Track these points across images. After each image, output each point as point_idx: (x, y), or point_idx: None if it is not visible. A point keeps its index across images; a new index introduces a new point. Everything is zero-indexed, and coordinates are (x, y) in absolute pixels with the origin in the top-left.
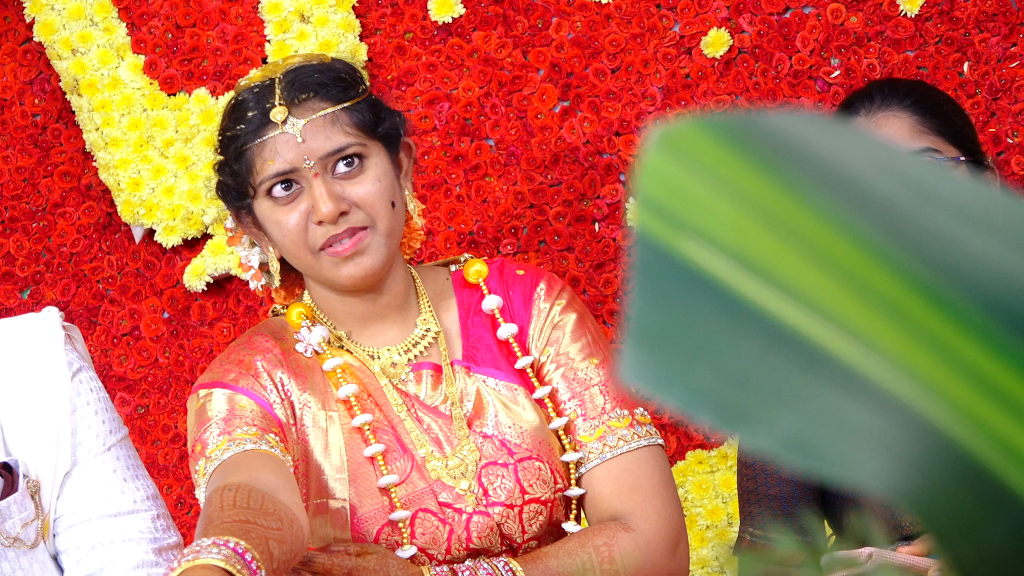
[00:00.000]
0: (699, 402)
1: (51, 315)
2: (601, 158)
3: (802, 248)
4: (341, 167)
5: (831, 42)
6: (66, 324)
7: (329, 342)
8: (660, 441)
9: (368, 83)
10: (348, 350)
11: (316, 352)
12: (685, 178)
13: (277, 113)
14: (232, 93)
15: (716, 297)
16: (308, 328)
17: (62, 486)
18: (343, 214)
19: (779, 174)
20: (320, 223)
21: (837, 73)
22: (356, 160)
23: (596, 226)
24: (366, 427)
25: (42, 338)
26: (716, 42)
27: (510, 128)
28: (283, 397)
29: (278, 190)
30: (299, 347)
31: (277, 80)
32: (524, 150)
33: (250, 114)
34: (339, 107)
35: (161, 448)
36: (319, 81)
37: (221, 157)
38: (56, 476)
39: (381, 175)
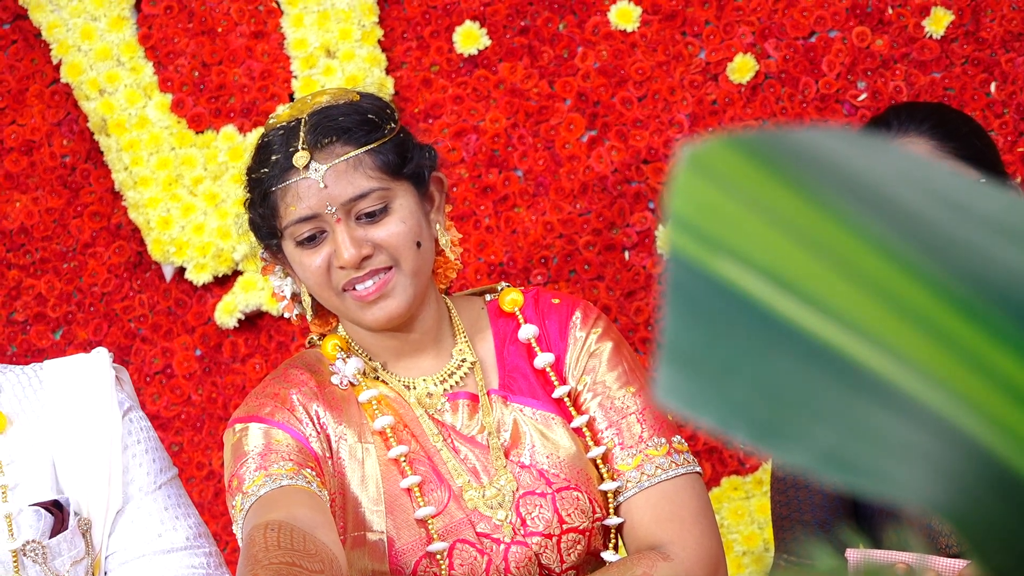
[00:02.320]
0: (735, 420)
1: (102, 356)
2: (630, 186)
3: (834, 263)
4: (364, 212)
5: (857, 65)
6: (115, 365)
7: (364, 373)
8: (698, 469)
9: (398, 119)
10: (383, 381)
11: (351, 384)
12: (717, 196)
13: (300, 158)
14: (262, 130)
15: (750, 314)
16: (343, 360)
17: (114, 523)
18: (366, 258)
19: (810, 190)
20: (342, 267)
21: (864, 96)
22: (380, 204)
23: (626, 254)
24: (402, 458)
25: (93, 378)
26: (742, 68)
27: (538, 158)
28: (319, 430)
29: (302, 235)
30: (334, 379)
31: (303, 121)
32: (552, 180)
33: (274, 157)
34: (362, 150)
35: (196, 485)
36: (343, 125)
37: (249, 195)
38: (108, 514)
39: (406, 216)
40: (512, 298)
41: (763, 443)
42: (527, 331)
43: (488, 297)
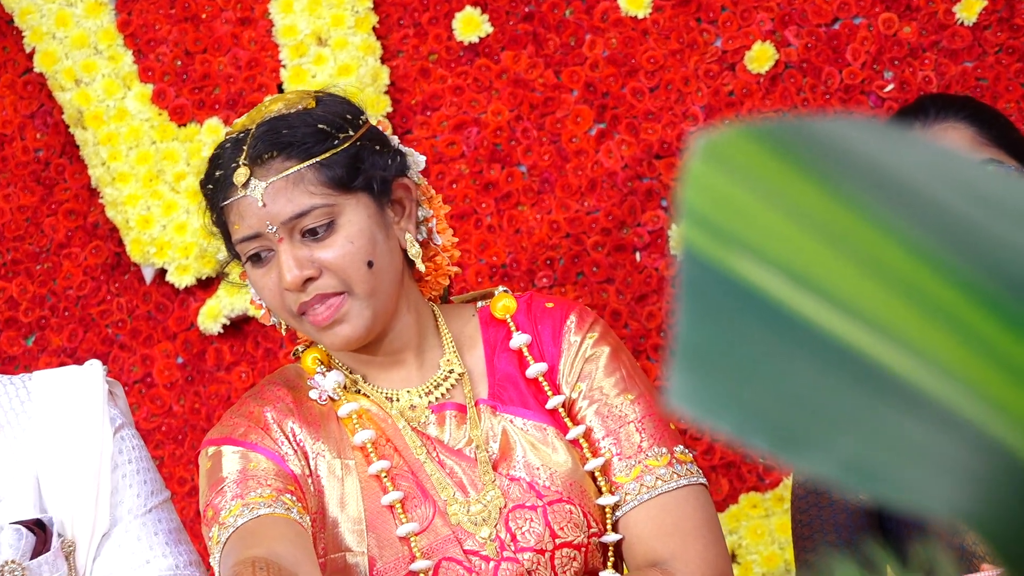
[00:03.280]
0: (752, 426)
1: (94, 369)
2: (641, 183)
3: (858, 260)
4: (307, 229)
5: (883, 54)
6: (108, 379)
7: (345, 387)
8: (702, 480)
9: (361, 123)
10: (365, 394)
11: (331, 398)
12: (732, 189)
13: (239, 175)
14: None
15: (768, 314)
16: (323, 374)
17: (99, 548)
18: (311, 279)
19: (832, 182)
20: (288, 289)
21: (891, 87)
22: (324, 220)
23: (637, 255)
24: (383, 474)
25: (85, 392)
26: (761, 57)
27: (543, 153)
28: (296, 448)
29: (248, 252)
30: (313, 394)
31: (251, 133)
32: (558, 176)
33: (217, 173)
34: (304, 165)
35: (177, 502)
36: (286, 139)
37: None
38: (93, 537)
39: (354, 234)
40: (504, 304)
41: (783, 452)
42: (518, 340)
43: (480, 303)
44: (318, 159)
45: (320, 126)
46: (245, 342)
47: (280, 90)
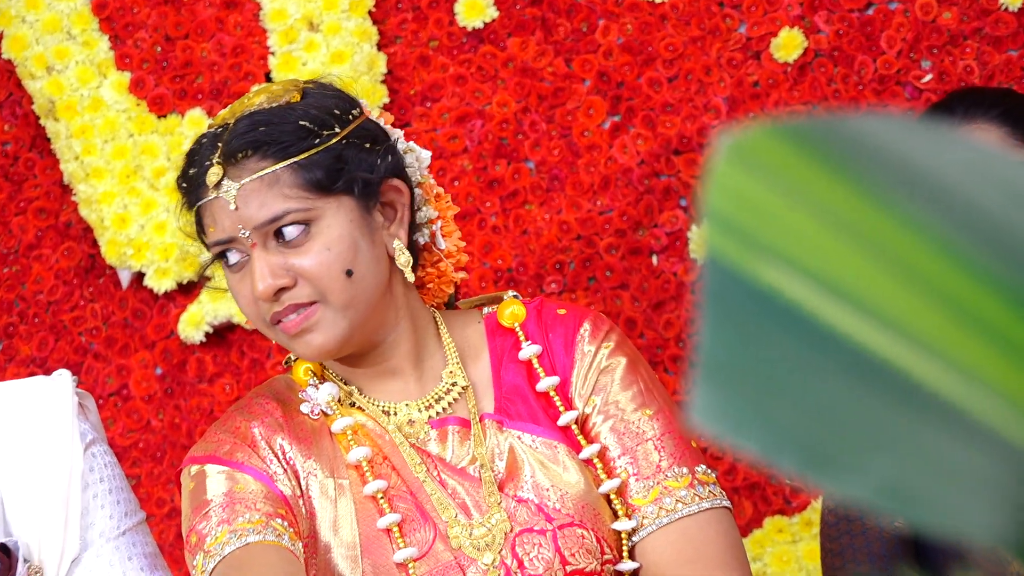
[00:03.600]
0: (781, 446)
1: (63, 379)
2: (658, 180)
3: (891, 266)
4: (283, 235)
5: (921, 42)
6: (79, 391)
7: (340, 400)
8: (726, 503)
9: (351, 119)
10: (360, 408)
11: (324, 413)
12: (759, 191)
13: (212, 175)
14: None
15: (798, 325)
16: (315, 386)
17: (69, 573)
18: (284, 289)
19: (865, 184)
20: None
21: (929, 78)
22: (300, 226)
23: (654, 259)
24: (380, 495)
25: (52, 405)
26: (788, 44)
27: (552, 148)
28: (286, 466)
29: (227, 257)
30: (304, 407)
31: (228, 128)
32: (569, 173)
33: (191, 171)
34: (280, 166)
35: (155, 525)
36: (263, 137)
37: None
38: (63, 562)
39: (332, 241)
40: (512, 311)
41: (812, 473)
42: (528, 351)
43: (487, 309)
44: (295, 159)
45: (302, 123)
46: (229, 352)
47: (268, 79)
